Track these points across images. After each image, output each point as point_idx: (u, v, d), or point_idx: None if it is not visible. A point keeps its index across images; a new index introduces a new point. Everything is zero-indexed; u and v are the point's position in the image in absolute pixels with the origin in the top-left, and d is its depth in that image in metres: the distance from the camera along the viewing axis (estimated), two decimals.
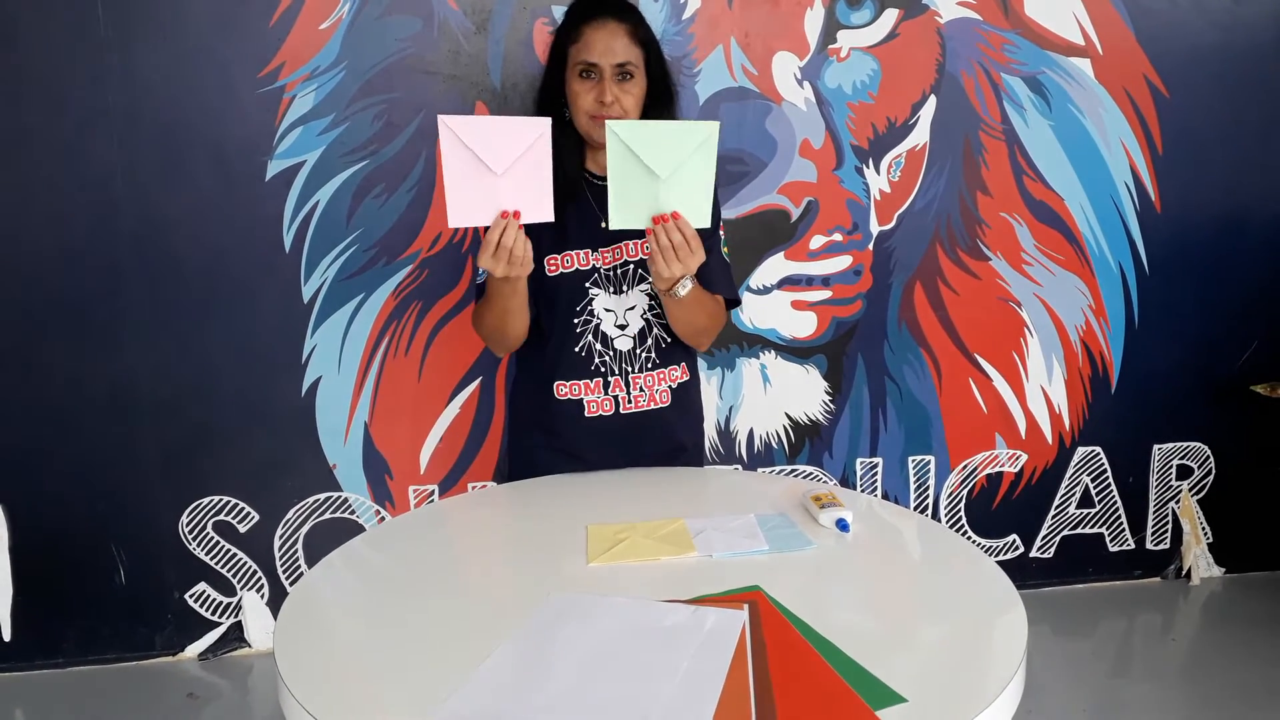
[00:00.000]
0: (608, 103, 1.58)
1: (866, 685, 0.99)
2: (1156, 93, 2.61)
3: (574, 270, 1.67)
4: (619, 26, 1.60)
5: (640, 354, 1.70)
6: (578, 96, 1.61)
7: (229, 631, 2.54)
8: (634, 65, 1.61)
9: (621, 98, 1.59)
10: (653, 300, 1.69)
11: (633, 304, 1.68)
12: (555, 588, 1.21)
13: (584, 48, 1.60)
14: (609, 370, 1.68)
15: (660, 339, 1.71)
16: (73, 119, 2.23)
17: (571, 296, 1.67)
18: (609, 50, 1.59)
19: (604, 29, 1.59)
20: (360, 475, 2.50)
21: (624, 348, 1.69)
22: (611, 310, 1.68)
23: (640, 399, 1.70)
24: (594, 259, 1.67)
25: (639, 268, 1.67)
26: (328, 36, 2.28)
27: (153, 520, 2.44)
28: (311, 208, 2.35)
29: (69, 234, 2.28)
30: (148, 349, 2.35)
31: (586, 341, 1.68)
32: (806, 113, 2.47)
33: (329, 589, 1.32)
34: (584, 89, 1.60)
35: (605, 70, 1.59)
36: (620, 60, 1.59)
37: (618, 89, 1.59)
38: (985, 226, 2.61)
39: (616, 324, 1.68)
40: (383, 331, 2.43)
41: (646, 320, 1.69)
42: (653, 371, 1.71)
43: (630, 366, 1.69)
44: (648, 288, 1.68)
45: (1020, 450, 2.77)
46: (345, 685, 1.05)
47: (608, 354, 1.68)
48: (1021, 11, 2.52)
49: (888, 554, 1.40)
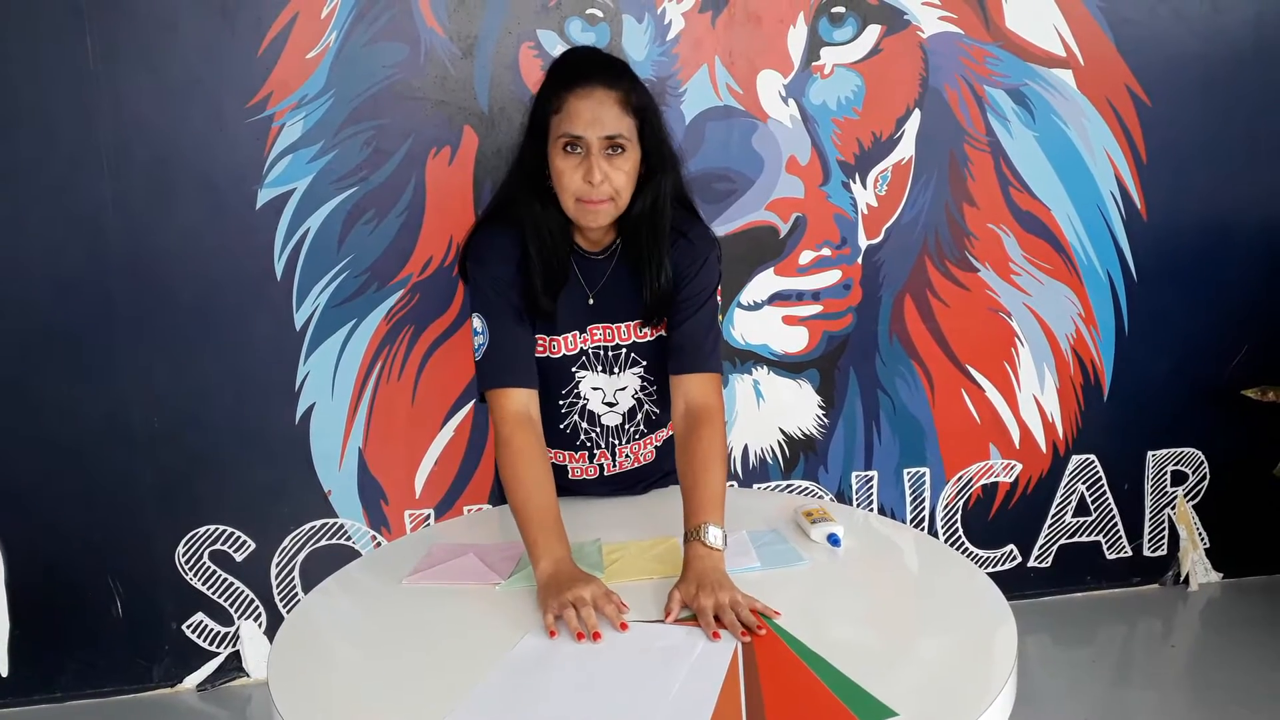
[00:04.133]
0: (596, 182, 1.38)
1: (857, 700, 1.00)
2: (1139, 102, 2.63)
3: (561, 356, 1.56)
4: (608, 94, 1.39)
5: (629, 428, 1.62)
6: (562, 175, 1.40)
7: (227, 661, 2.53)
8: (625, 138, 1.40)
9: (612, 175, 1.39)
10: (645, 381, 1.59)
11: (624, 385, 1.59)
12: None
13: (567, 119, 1.39)
14: (594, 444, 1.62)
15: (650, 413, 1.63)
16: (63, 151, 2.24)
17: (558, 379, 1.57)
18: (596, 121, 1.38)
19: (590, 98, 1.38)
20: (355, 501, 2.49)
21: (611, 423, 1.61)
22: (600, 389, 1.58)
23: (625, 463, 1.65)
24: (581, 341, 1.55)
25: (632, 351, 1.57)
26: (315, 65, 2.29)
27: (149, 551, 2.43)
28: (302, 235, 2.36)
29: (61, 265, 2.29)
30: (141, 379, 2.36)
31: (572, 420, 1.61)
32: (792, 129, 2.49)
33: (324, 615, 1.32)
34: (569, 166, 1.39)
35: (592, 144, 1.38)
36: (609, 133, 1.38)
37: (607, 165, 1.39)
38: (973, 238, 2.63)
39: (604, 401, 1.59)
40: (375, 357, 2.44)
41: (637, 399, 1.61)
42: (639, 440, 1.64)
43: (618, 440, 1.62)
44: (641, 371, 1.58)
45: (1015, 460, 2.78)
46: (340, 711, 1.05)
47: (594, 430, 1.61)
48: (1003, 24, 2.54)
49: (879, 568, 1.40)
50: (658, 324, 1.55)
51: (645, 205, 1.47)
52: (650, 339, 1.57)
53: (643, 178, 1.45)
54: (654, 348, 1.57)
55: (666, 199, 1.48)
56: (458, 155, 2.38)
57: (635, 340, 1.56)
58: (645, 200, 1.47)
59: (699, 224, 1.57)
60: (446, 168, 2.38)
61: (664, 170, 1.47)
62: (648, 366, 1.58)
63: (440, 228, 2.39)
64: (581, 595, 1.18)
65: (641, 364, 1.58)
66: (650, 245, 1.48)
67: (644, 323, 1.54)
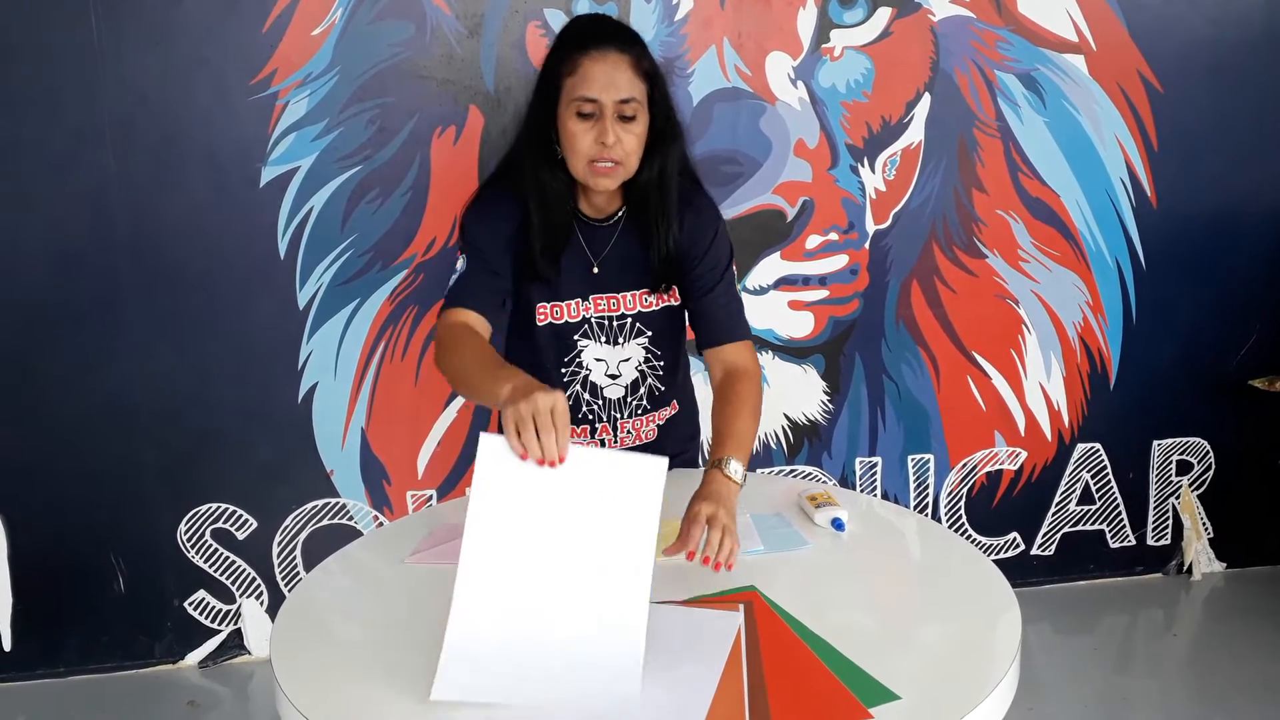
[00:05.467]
0: (609, 144, 1.40)
1: (860, 683, 0.99)
2: (1150, 88, 2.61)
3: (564, 322, 1.55)
4: (622, 57, 1.40)
5: (631, 402, 1.61)
6: (575, 138, 1.41)
7: (229, 639, 2.53)
8: (638, 102, 1.42)
9: (624, 138, 1.41)
10: (649, 354, 1.59)
11: (628, 356, 1.58)
12: None
13: (581, 81, 1.40)
14: (596, 418, 1.61)
15: (654, 388, 1.62)
16: (67, 129, 2.23)
17: (560, 348, 1.56)
18: (611, 85, 1.39)
19: (605, 60, 1.39)
20: (358, 481, 2.49)
21: (614, 396, 1.60)
22: (603, 360, 1.57)
23: (627, 440, 1.63)
24: (584, 309, 1.55)
25: (637, 321, 1.56)
26: (320, 43, 2.28)
27: (151, 528, 2.44)
28: (306, 214, 2.35)
29: (65, 243, 2.28)
30: (144, 356, 2.35)
31: (574, 391, 1.58)
32: (801, 112, 2.47)
33: (326, 594, 1.32)
34: (582, 129, 1.40)
35: (607, 107, 1.39)
36: (624, 96, 1.40)
37: (620, 129, 1.40)
38: (981, 224, 2.61)
39: (607, 373, 1.57)
40: (379, 336, 2.43)
41: (641, 372, 1.59)
42: (642, 416, 1.63)
43: (619, 414, 1.61)
44: (646, 341, 1.58)
45: (1020, 448, 2.77)
46: (341, 690, 1.05)
47: (596, 403, 1.60)
48: (1015, 8, 2.51)
49: (883, 553, 1.40)
50: (666, 291, 1.56)
51: (653, 173, 1.48)
52: (656, 308, 1.57)
53: (649, 145, 1.46)
54: (660, 317, 1.57)
55: (674, 167, 1.50)
56: (463, 135, 2.36)
57: (640, 310, 1.56)
58: (653, 168, 1.48)
59: (703, 194, 1.58)
60: (451, 147, 2.36)
61: (671, 138, 1.48)
62: (653, 337, 1.58)
63: (444, 208, 2.37)
64: (539, 406, 1.12)
65: (647, 334, 1.57)
66: (658, 210, 1.49)
67: (651, 290, 1.55)
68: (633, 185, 1.49)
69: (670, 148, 1.48)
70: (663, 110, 1.47)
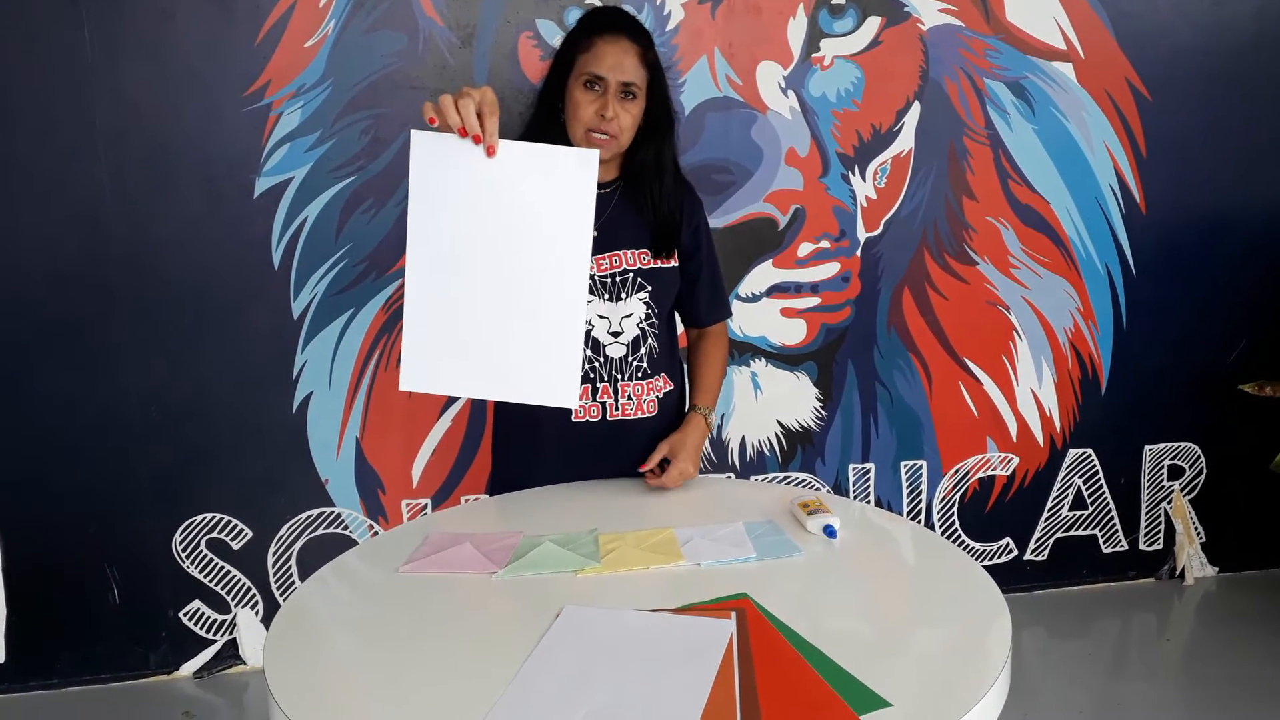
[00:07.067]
0: (609, 117, 1.55)
1: (851, 690, 1.00)
2: (1139, 95, 2.63)
3: None
4: (631, 45, 1.58)
5: (632, 362, 1.68)
6: (579, 106, 1.57)
7: (224, 649, 2.53)
8: (639, 87, 1.59)
9: (621, 115, 1.57)
10: (649, 309, 1.67)
11: (629, 312, 1.66)
12: (544, 599, 1.21)
13: (593, 58, 1.57)
14: (598, 377, 1.67)
15: (653, 349, 1.69)
16: (61, 141, 2.24)
17: None
18: (618, 66, 1.56)
19: (617, 44, 1.57)
20: (353, 490, 2.50)
21: (615, 354, 1.67)
22: (605, 317, 1.65)
23: (628, 407, 1.69)
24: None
25: (639, 276, 1.65)
26: (313, 54, 2.29)
27: (146, 539, 2.44)
28: (300, 224, 2.36)
29: (59, 256, 2.29)
30: (138, 368, 2.36)
31: None
32: (791, 121, 2.48)
33: (320, 603, 1.32)
34: (586, 100, 1.57)
35: (611, 85, 1.56)
36: (628, 79, 1.57)
37: (620, 106, 1.57)
38: (972, 231, 2.62)
39: (610, 330, 1.65)
40: (373, 346, 2.44)
41: (642, 329, 1.67)
42: (642, 381, 1.70)
43: (620, 374, 1.68)
44: (647, 297, 1.66)
45: (1012, 453, 2.78)
46: (335, 700, 1.05)
47: (598, 360, 1.66)
48: (1003, 17, 2.53)
49: (875, 560, 1.40)
50: (667, 256, 1.68)
51: (649, 156, 1.65)
52: (656, 266, 1.67)
53: (646, 132, 1.63)
54: (659, 275, 1.67)
55: (670, 152, 1.67)
56: None
57: (641, 266, 1.66)
58: (649, 151, 1.65)
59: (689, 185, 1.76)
60: None
61: (667, 127, 1.65)
62: (653, 293, 1.67)
63: None
64: (465, 90, 1.31)
65: (647, 289, 1.67)
66: (654, 183, 1.66)
67: (652, 253, 1.67)
68: (630, 163, 1.65)
69: (666, 136, 1.66)
70: (661, 101, 1.64)
